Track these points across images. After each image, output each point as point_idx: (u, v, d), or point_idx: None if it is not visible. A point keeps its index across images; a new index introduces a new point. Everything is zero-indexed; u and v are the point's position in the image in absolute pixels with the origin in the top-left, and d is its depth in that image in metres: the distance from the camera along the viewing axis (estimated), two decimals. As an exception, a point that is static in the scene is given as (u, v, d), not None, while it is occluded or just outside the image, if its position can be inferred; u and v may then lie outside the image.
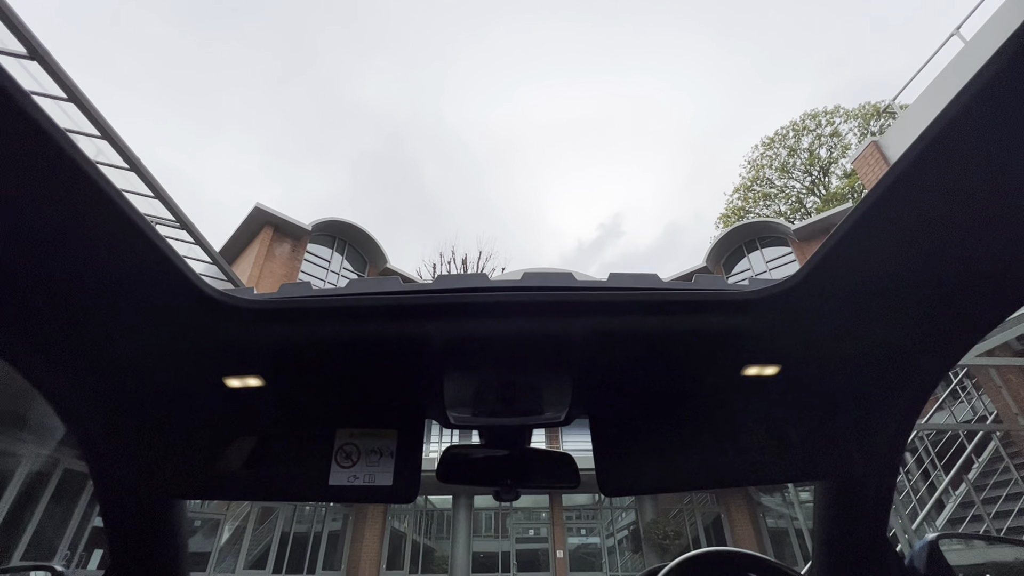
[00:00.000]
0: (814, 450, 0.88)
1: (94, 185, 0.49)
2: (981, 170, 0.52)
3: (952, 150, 0.49)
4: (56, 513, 8.29)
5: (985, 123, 0.46)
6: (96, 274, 0.62)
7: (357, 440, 0.90)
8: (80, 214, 0.53)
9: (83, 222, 0.54)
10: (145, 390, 0.87)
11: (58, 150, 0.45)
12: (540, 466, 1.06)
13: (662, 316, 0.73)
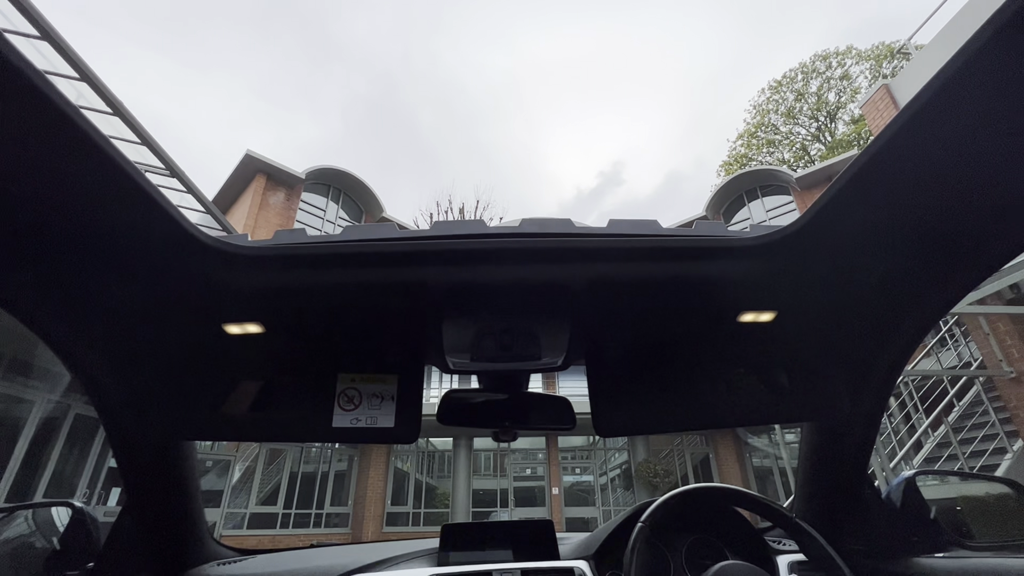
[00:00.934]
0: (805, 393, 0.91)
1: (77, 128, 0.48)
2: (991, 120, 0.51)
3: (964, 96, 0.48)
4: (71, 456, 8.63)
5: (1000, 68, 0.44)
6: (86, 221, 0.61)
7: (359, 385, 0.92)
8: (63, 158, 0.52)
9: (68, 167, 0.53)
10: (146, 337, 0.88)
11: (33, 90, 0.43)
12: (537, 409, 1.09)
13: (662, 262, 0.73)
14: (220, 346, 0.92)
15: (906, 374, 7.08)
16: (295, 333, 0.91)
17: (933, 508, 1.28)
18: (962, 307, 5.55)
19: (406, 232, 0.76)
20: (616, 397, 0.92)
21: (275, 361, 0.93)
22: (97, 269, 0.70)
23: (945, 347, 7.82)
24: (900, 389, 7.25)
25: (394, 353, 0.93)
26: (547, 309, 0.81)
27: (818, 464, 1.25)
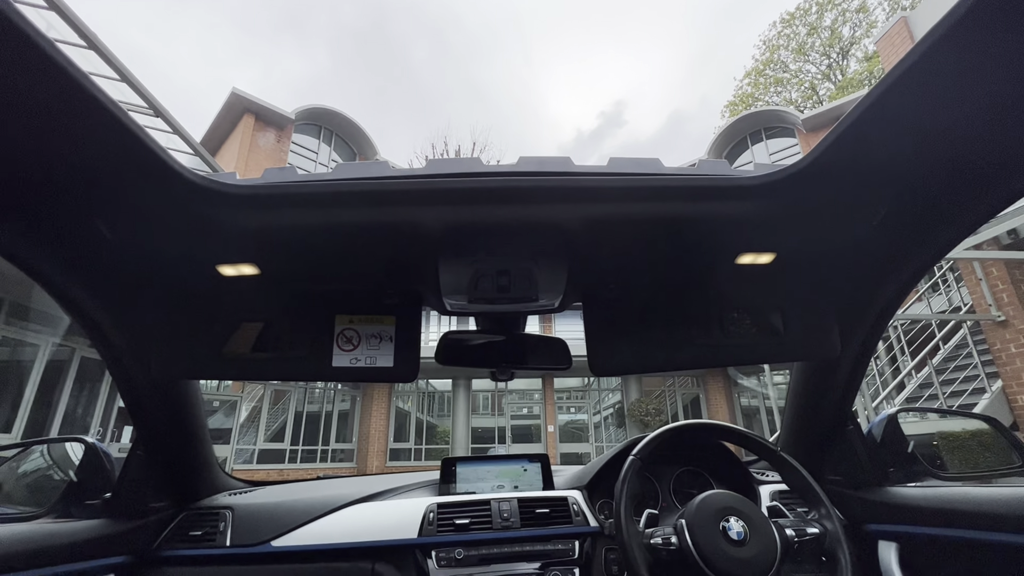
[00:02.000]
0: (798, 334, 0.92)
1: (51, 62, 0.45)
2: (1002, 61, 0.49)
3: (976, 36, 0.46)
4: (82, 397, 8.88)
5: (1016, 5, 0.42)
6: (67, 162, 0.60)
7: (357, 326, 0.93)
8: (36, 94, 0.49)
9: (41, 103, 0.51)
10: (140, 280, 0.88)
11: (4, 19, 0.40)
12: (534, 349, 1.11)
13: (663, 202, 0.71)
14: (216, 288, 0.92)
15: (896, 318, 7.21)
16: (290, 274, 0.90)
17: (911, 443, 1.34)
18: (958, 252, 5.57)
19: (400, 171, 0.73)
20: (612, 337, 0.94)
21: (272, 302, 0.93)
22: (84, 212, 0.68)
23: (937, 292, 7.92)
24: (888, 333, 7.40)
25: (391, 295, 0.94)
26: (545, 250, 0.80)
27: (805, 401, 1.30)
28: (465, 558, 1.15)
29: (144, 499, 1.19)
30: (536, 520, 1.23)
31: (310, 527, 1.21)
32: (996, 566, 0.93)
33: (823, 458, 1.33)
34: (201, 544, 1.19)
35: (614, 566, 1.18)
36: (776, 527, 1.02)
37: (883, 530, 1.15)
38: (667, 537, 1.02)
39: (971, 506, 0.96)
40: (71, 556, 0.98)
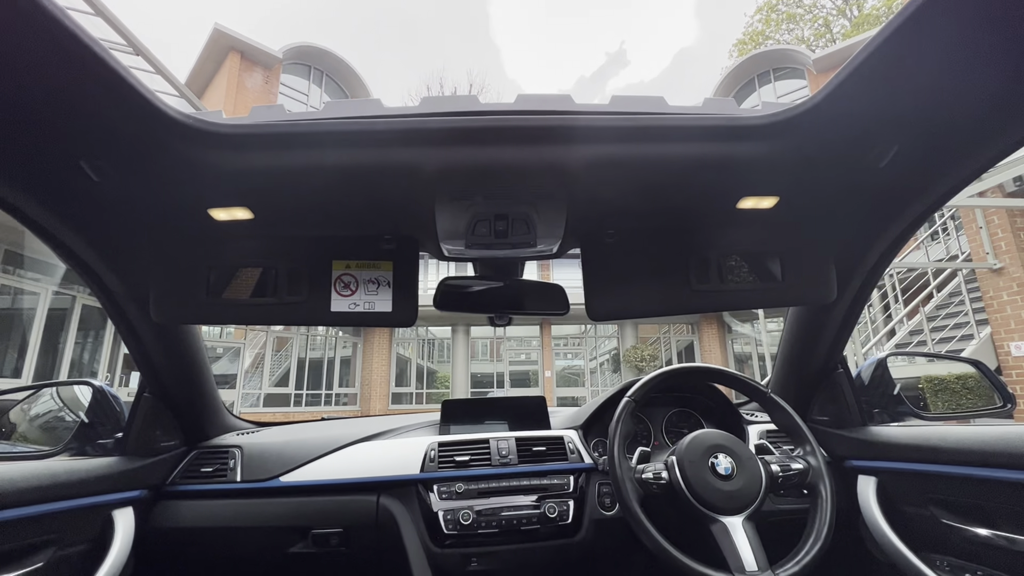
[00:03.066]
0: (796, 279, 0.93)
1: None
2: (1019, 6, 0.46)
3: None
4: (86, 344, 9.03)
5: None
6: (50, 102, 0.58)
7: (354, 271, 0.93)
8: (10, 31, 0.47)
9: (20, 42, 0.48)
10: (135, 223, 0.87)
11: None
12: (532, 294, 1.12)
13: (667, 143, 0.69)
14: (211, 233, 0.91)
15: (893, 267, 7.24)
16: (284, 219, 0.89)
17: (898, 385, 1.38)
18: (962, 199, 5.50)
19: (393, 109, 0.70)
20: (610, 282, 0.94)
21: (269, 247, 0.92)
22: (68, 154, 0.66)
23: (936, 241, 7.90)
24: (884, 281, 7.46)
25: (388, 240, 0.93)
26: (543, 193, 0.79)
27: (798, 345, 1.32)
28: (465, 491, 1.21)
29: (154, 439, 1.23)
30: (533, 457, 1.29)
31: (316, 464, 1.27)
32: (967, 497, 0.99)
33: (811, 400, 1.38)
34: (213, 480, 1.25)
35: (606, 499, 1.24)
36: (762, 463, 1.06)
37: (863, 466, 1.21)
38: (658, 472, 1.07)
39: (949, 443, 1.00)
40: (90, 490, 1.03)
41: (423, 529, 1.19)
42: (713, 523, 0.99)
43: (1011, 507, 0.90)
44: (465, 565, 1.18)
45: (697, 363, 1.23)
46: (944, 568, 0.99)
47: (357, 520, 1.22)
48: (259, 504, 1.23)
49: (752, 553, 0.94)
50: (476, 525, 1.17)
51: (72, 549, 1.00)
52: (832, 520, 0.99)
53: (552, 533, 1.20)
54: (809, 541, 0.98)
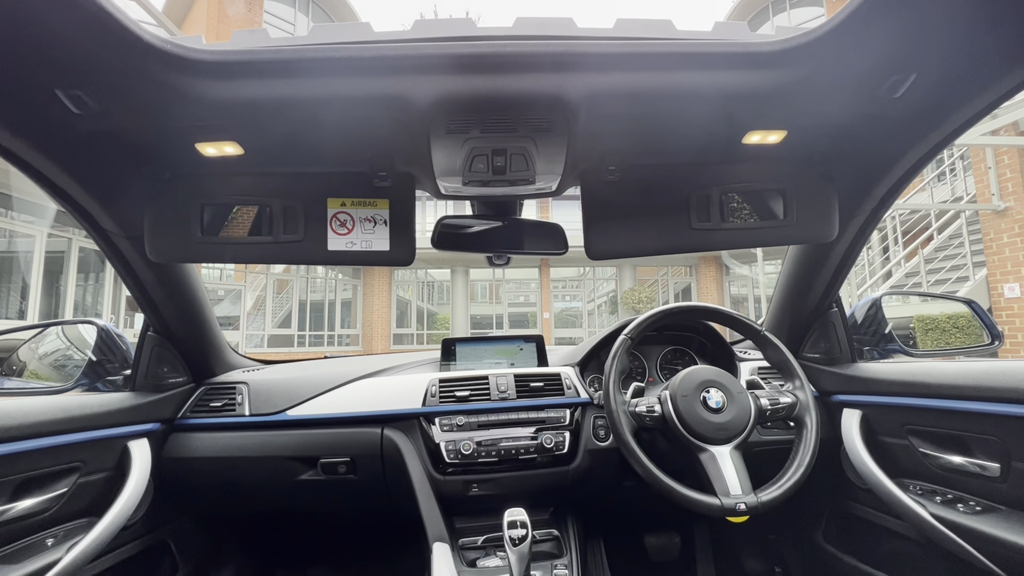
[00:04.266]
0: (798, 217, 0.91)
1: None
2: None
3: None
4: (88, 287, 9.07)
5: None
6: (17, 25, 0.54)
7: (350, 209, 0.91)
8: None
9: None
10: (122, 159, 0.85)
11: None
12: (530, 233, 1.11)
13: (675, 71, 0.66)
14: (201, 169, 0.88)
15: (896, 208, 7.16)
16: (276, 155, 0.86)
17: (890, 324, 1.41)
18: (973, 138, 5.35)
19: (384, 34, 0.66)
20: (609, 220, 0.93)
21: (262, 185, 0.90)
22: (42, 82, 0.63)
23: (942, 181, 7.76)
24: (885, 223, 7.40)
25: (383, 177, 0.90)
26: (543, 127, 0.76)
27: (794, 284, 1.33)
28: (465, 424, 1.26)
29: (162, 376, 1.27)
30: (531, 393, 1.33)
31: (321, 399, 1.31)
32: (943, 427, 1.03)
33: (804, 338, 1.41)
34: (222, 414, 1.30)
35: (601, 431, 1.30)
36: (752, 397, 1.10)
37: (849, 400, 1.26)
38: (651, 406, 1.11)
39: (934, 378, 1.04)
40: (104, 423, 1.07)
41: (426, 458, 1.25)
42: (702, 452, 1.04)
43: (983, 436, 0.94)
44: (466, 490, 1.25)
45: (694, 302, 1.24)
46: (916, 491, 1.06)
47: (363, 450, 1.28)
48: (268, 436, 1.29)
49: (737, 479, 1.00)
50: (476, 455, 1.23)
51: (94, 476, 1.06)
52: (815, 450, 1.04)
53: (549, 462, 1.27)
54: (792, 468, 1.04)
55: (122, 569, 1.13)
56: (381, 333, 14.09)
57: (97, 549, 0.95)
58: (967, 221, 6.45)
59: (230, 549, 1.58)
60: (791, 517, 1.54)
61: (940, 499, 1.01)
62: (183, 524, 1.37)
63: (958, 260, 6.55)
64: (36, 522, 0.94)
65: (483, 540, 1.22)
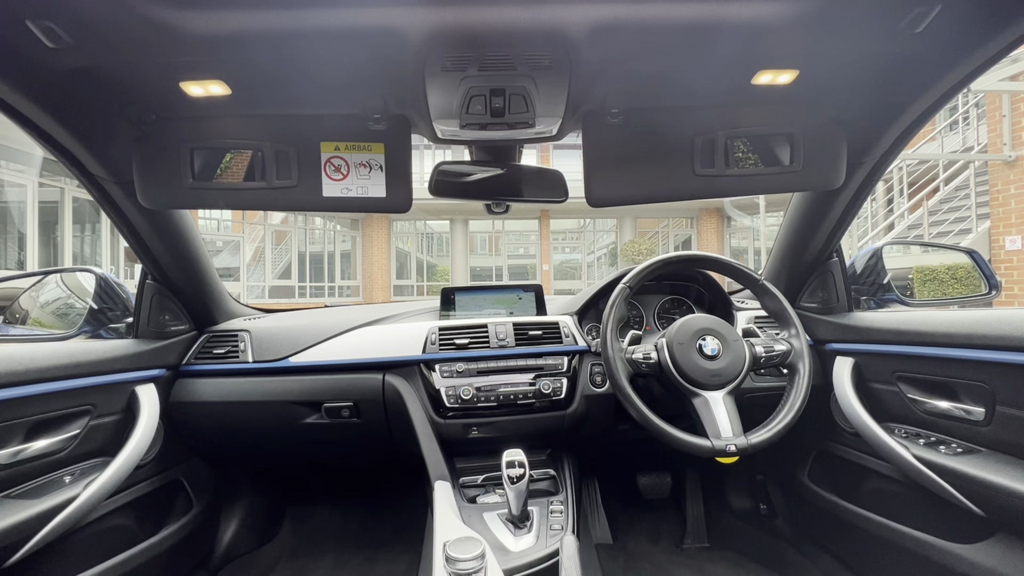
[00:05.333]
0: (805, 163, 0.89)
1: None
2: None
3: None
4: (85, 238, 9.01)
5: None
6: None
7: (344, 154, 0.89)
8: None
9: None
10: (106, 98, 0.81)
11: None
12: (530, 180, 1.08)
13: (684, 3, 0.62)
14: (189, 111, 0.85)
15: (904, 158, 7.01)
16: (265, 95, 0.83)
17: (889, 274, 1.41)
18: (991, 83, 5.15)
19: None
20: (612, 165, 0.91)
21: (253, 128, 0.87)
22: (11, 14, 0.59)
23: (954, 131, 7.55)
24: (891, 173, 7.26)
25: (378, 120, 0.87)
26: (543, 64, 0.72)
27: (796, 233, 1.32)
28: (465, 371, 1.29)
29: (164, 323, 1.28)
30: (529, 341, 1.35)
31: (323, 346, 1.33)
32: (932, 374, 1.05)
33: (802, 287, 1.41)
34: (226, 360, 1.32)
35: (597, 377, 1.33)
36: (747, 345, 1.12)
37: (842, 348, 1.28)
38: (647, 353, 1.12)
39: (928, 327, 1.05)
40: (111, 368, 1.09)
41: (427, 403, 1.28)
42: (695, 397, 1.06)
43: (971, 382, 0.96)
44: (466, 433, 1.29)
45: (693, 251, 1.23)
46: (901, 435, 1.10)
47: (365, 395, 1.31)
48: (272, 381, 1.31)
49: (729, 423, 1.03)
50: (476, 400, 1.26)
51: (105, 419, 1.09)
52: (806, 396, 1.07)
53: (546, 407, 1.30)
54: (782, 413, 1.07)
55: (139, 505, 1.19)
56: (381, 284, 14.15)
57: (113, 486, 1.00)
58: (975, 172, 6.33)
59: (241, 487, 1.66)
60: (778, 458, 1.61)
61: (923, 442, 1.04)
62: (195, 464, 1.43)
63: (962, 212, 6.48)
64: (53, 461, 0.98)
65: (483, 479, 1.27)
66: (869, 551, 1.24)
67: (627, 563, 1.62)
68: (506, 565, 0.91)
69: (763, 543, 1.63)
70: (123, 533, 1.14)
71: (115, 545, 1.10)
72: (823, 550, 1.44)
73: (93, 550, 1.05)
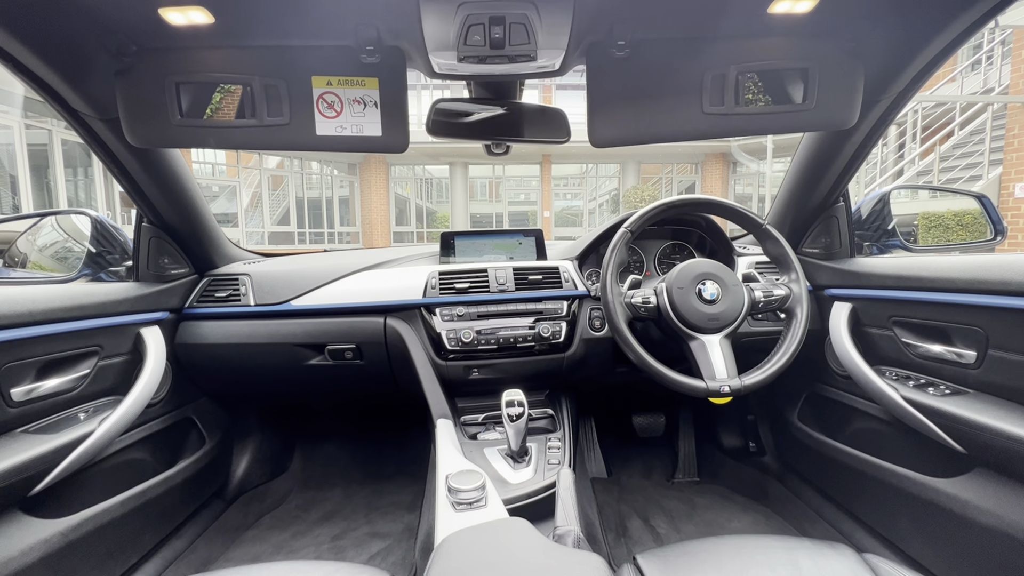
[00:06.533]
0: (819, 100, 0.85)
1: None
2: None
3: None
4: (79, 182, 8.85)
5: None
6: None
7: (336, 89, 0.85)
8: None
9: None
10: (85, 31, 0.77)
11: None
12: (531, 119, 1.04)
13: None
14: (170, 41, 0.81)
15: (921, 99, 6.74)
16: (247, 21, 0.78)
17: (894, 220, 1.39)
18: (1020, 16, 4.86)
19: None
20: (616, 103, 0.87)
21: (238, 58, 0.83)
22: None
23: (976, 71, 7.21)
24: (905, 117, 7.01)
25: (371, 52, 0.83)
26: None
27: (804, 175, 1.29)
28: (465, 314, 1.30)
29: (164, 266, 1.28)
30: (529, 285, 1.35)
31: (323, 290, 1.34)
32: (928, 319, 1.06)
33: (806, 233, 1.40)
34: (228, 303, 1.34)
35: (596, 321, 1.34)
36: (747, 289, 1.12)
37: (841, 294, 1.28)
38: (647, 297, 1.13)
39: (928, 272, 1.05)
40: (114, 311, 1.10)
41: (428, 346, 1.30)
42: (692, 340, 1.08)
43: (967, 327, 0.98)
44: (467, 374, 1.32)
45: (697, 195, 1.21)
46: (891, 377, 1.12)
47: (367, 338, 1.33)
48: (275, 324, 1.33)
49: (724, 365, 1.05)
50: (476, 343, 1.29)
51: (113, 360, 1.11)
52: (802, 340, 1.08)
53: (545, 350, 1.33)
54: (777, 355, 1.09)
55: (154, 440, 1.24)
56: (381, 231, 14.05)
57: (127, 422, 1.03)
58: (993, 116, 6.11)
59: (251, 425, 1.73)
60: (770, 399, 1.66)
61: (913, 383, 1.07)
62: (205, 404, 1.48)
63: (974, 158, 6.32)
64: (66, 399, 1.01)
65: (483, 418, 1.32)
66: (850, 485, 1.30)
67: (620, 495, 1.72)
68: (505, 495, 0.96)
69: (750, 478, 1.71)
70: (141, 466, 1.20)
71: (133, 477, 1.16)
72: (806, 483, 1.51)
73: (113, 481, 1.10)
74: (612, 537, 1.50)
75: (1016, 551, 0.85)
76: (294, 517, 1.64)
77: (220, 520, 1.50)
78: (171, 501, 1.29)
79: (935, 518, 1.01)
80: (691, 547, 0.82)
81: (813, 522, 1.41)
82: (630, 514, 1.61)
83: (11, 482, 0.82)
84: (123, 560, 1.13)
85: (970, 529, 0.93)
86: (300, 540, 1.52)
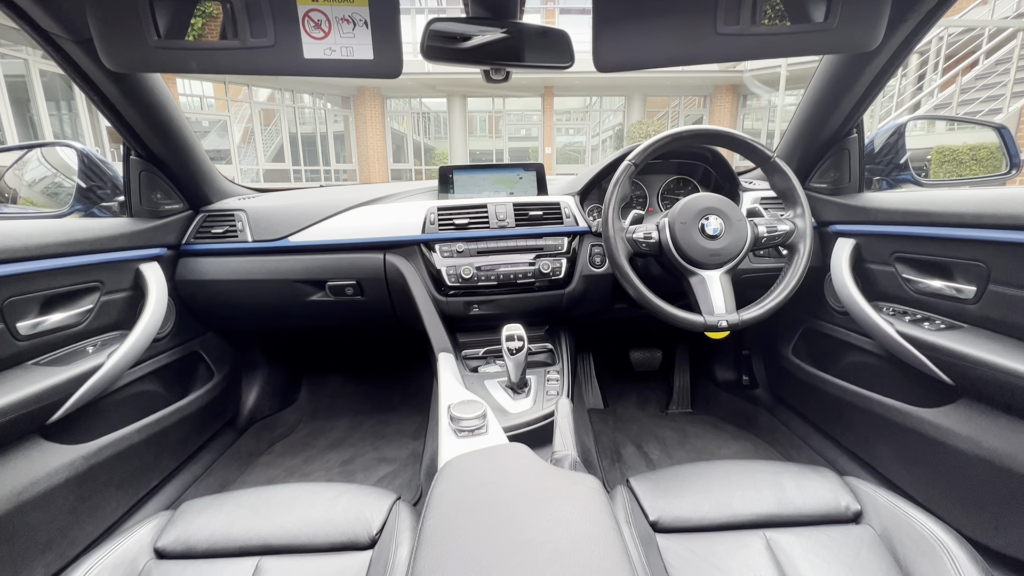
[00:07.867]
0: (841, 19, 0.79)
1: None
2: None
3: None
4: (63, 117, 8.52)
5: None
6: None
7: (323, 7, 0.79)
8: None
9: None
10: None
11: None
12: (533, 42, 0.98)
13: None
14: None
15: (949, 23, 6.33)
16: None
17: (907, 153, 1.34)
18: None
19: None
20: (624, 22, 0.81)
21: None
22: None
23: (1012, -10, 6.70)
24: (928, 45, 6.61)
25: None
26: None
27: (818, 103, 1.23)
28: (465, 251, 1.30)
29: (157, 202, 1.25)
30: (530, 221, 1.33)
31: (321, 226, 1.32)
32: (929, 254, 1.05)
33: (815, 166, 1.36)
34: (225, 240, 1.32)
35: (597, 258, 1.34)
36: (750, 224, 1.11)
37: (845, 230, 1.27)
38: (648, 233, 1.12)
39: (936, 207, 1.02)
40: (110, 246, 1.10)
41: (428, 282, 1.31)
42: (692, 276, 1.08)
43: (969, 261, 0.97)
44: (467, 310, 1.34)
45: (704, 125, 1.16)
46: (888, 312, 1.13)
47: (367, 274, 1.33)
48: (274, 260, 1.33)
49: (723, 300, 1.06)
50: (476, 279, 1.29)
51: (116, 296, 1.12)
52: (802, 276, 1.08)
53: (545, 286, 1.33)
54: (776, 291, 1.09)
55: (163, 373, 1.28)
56: (378, 168, 13.71)
57: (135, 355, 1.06)
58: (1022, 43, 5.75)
59: (258, 360, 1.77)
60: (765, 334, 1.69)
61: (909, 319, 1.08)
62: (211, 338, 1.51)
63: (995, 91, 6.02)
64: (73, 333, 1.02)
65: (484, 352, 1.34)
66: (837, 415, 1.35)
67: (616, 424, 1.79)
68: (505, 424, 0.99)
69: (741, 409, 1.78)
70: (153, 397, 1.24)
71: (148, 407, 1.21)
72: (795, 414, 1.57)
73: (128, 411, 1.15)
74: (607, 463, 1.58)
75: (991, 473, 0.90)
76: (304, 444, 1.72)
77: (234, 447, 1.58)
78: (186, 430, 1.35)
79: (916, 444, 1.06)
80: (682, 471, 0.87)
81: (799, 449, 1.48)
82: (624, 442, 1.69)
83: (30, 410, 0.85)
84: (145, 481, 1.19)
85: (948, 454, 0.98)
86: (311, 465, 1.60)
